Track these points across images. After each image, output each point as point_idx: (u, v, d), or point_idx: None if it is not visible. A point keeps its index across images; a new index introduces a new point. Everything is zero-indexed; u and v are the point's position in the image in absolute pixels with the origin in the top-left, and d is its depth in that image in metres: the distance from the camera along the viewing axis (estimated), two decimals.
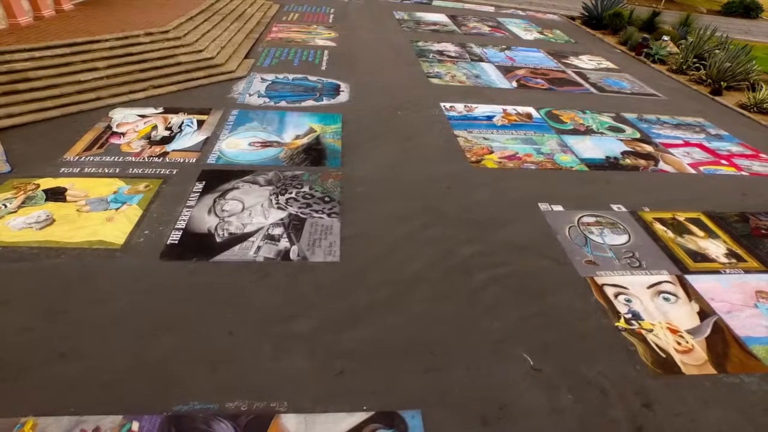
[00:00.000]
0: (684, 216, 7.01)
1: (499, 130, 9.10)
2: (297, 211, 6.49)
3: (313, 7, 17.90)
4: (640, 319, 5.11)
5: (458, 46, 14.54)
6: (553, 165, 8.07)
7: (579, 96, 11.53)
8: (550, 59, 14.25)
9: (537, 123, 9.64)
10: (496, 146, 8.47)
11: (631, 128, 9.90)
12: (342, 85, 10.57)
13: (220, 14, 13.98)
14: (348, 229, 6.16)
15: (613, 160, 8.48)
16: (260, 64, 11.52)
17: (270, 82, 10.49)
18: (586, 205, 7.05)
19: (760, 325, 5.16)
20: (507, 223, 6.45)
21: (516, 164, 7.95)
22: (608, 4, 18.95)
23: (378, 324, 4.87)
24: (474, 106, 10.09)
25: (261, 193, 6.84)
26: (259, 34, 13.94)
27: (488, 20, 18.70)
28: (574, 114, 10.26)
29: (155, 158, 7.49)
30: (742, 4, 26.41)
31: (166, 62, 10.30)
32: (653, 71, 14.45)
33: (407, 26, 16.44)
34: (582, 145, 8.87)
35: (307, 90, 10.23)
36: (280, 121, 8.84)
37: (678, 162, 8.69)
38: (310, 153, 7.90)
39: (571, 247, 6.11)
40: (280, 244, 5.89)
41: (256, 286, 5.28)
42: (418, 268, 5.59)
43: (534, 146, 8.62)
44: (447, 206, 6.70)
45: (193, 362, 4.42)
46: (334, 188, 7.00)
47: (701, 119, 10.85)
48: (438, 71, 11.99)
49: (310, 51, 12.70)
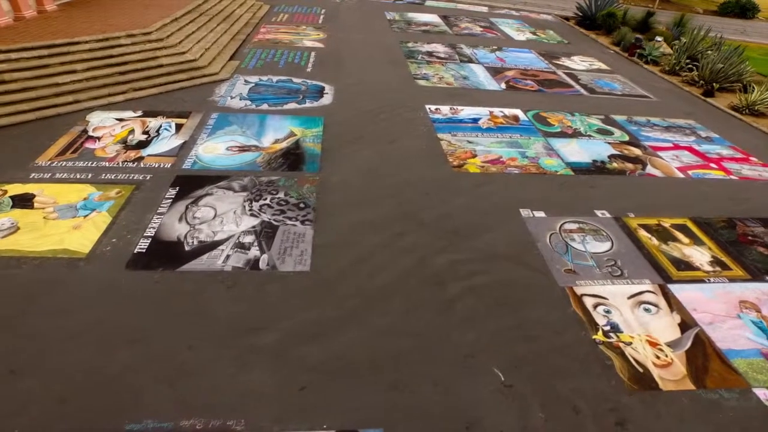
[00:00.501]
0: (670, 222, 6.84)
1: (484, 133, 8.93)
2: (270, 219, 6.32)
3: (304, 8, 17.73)
4: (619, 331, 4.93)
5: (448, 47, 14.36)
6: (538, 169, 7.89)
7: (568, 98, 11.36)
8: (541, 60, 14.07)
9: (524, 126, 9.46)
10: (479, 150, 8.30)
11: (619, 131, 9.72)
12: (326, 88, 10.40)
13: (207, 15, 13.82)
14: (321, 237, 5.99)
15: (600, 163, 8.31)
16: (245, 66, 11.35)
17: (253, 85, 10.32)
18: (569, 211, 6.88)
19: (742, 337, 4.98)
20: (486, 230, 6.28)
21: (499, 168, 7.77)
22: (602, 5, 18.78)
23: (345, 337, 4.69)
24: (460, 108, 9.91)
25: (235, 199, 6.67)
26: (247, 35, 13.77)
27: (481, 21, 18.53)
28: (563, 116, 10.08)
29: (130, 163, 7.32)
30: (738, 4, 26.24)
31: (148, 64, 10.13)
32: (646, 72, 14.27)
33: (398, 27, 16.28)
34: (568, 149, 8.69)
35: (290, 92, 10.06)
36: (260, 125, 8.66)
37: (666, 166, 8.51)
38: (288, 157, 7.72)
39: (551, 256, 5.93)
40: (250, 253, 5.72)
41: (221, 297, 5.11)
42: (390, 278, 5.41)
43: (519, 150, 8.45)
44: (425, 213, 6.52)
45: (151, 377, 4.25)
46: (309, 194, 6.83)
47: (692, 121, 10.67)
48: (425, 73, 11.82)
49: (297, 52, 12.53)
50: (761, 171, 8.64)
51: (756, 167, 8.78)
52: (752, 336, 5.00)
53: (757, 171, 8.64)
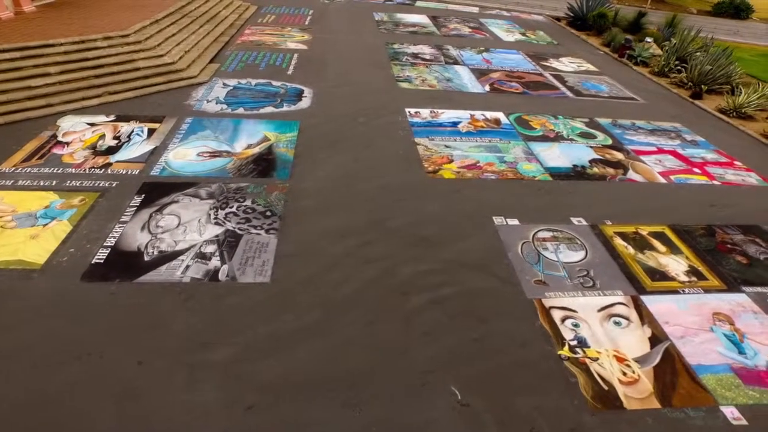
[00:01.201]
0: (647, 230, 6.67)
1: (462, 138, 8.76)
2: (234, 227, 6.15)
3: (292, 9, 17.56)
4: (586, 346, 4.77)
5: (435, 48, 14.19)
6: (515, 175, 7.72)
7: (553, 100, 11.19)
8: (528, 62, 13.90)
9: (505, 129, 9.29)
10: (456, 155, 8.13)
11: (603, 134, 9.55)
12: (306, 91, 10.23)
13: (190, 17, 13.64)
14: (285, 246, 5.82)
15: (580, 168, 8.14)
16: (225, 68, 11.18)
17: (231, 88, 10.15)
18: (545, 218, 6.71)
19: (713, 352, 4.81)
20: (456, 239, 6.11)
21: (475, 174, 7.60)
22: (593, 5, 18.61)
23: (300, 352, 4.53)
24: (440, 111, 9.74)
25: (200, 207, 6.50)
26: (230, 37, 13.60)
27: (470, 21, 18.36)
28: (545, 119, 9.91)
29: (97, 170, 7.16)
30: (732, 5, 26.06)
31: (124, 68, 9.96)
32: (634, 74, 14.10)
33: (385, 28, 16.11)
34: (548, 153, 8.53)
35: (268, 96, 9.89)
36: (234, 130, 8.50)
37: (648, 171, 8.34)
38: (260, 163, 7.55)
39: (522, 266, 5.76)
40: (211, 264, 5.55)
41: (177, 309, 4.95)
42: (352, 289, 5.24)
43: (497, 154, 8.28)
44: (394, 220, 6.35)
45: (95, 396, 4.09)
46: (278, 201, 6.66)
47: (678, 124, 10.51)
48: (408, 75, 11.65)
49: (280, 54, 12.36)
50: (744, 176, 8.47)
51: (739, 172, 8.62)
52: (723, 350, 4.83)
53: (740, 176, 8.48)
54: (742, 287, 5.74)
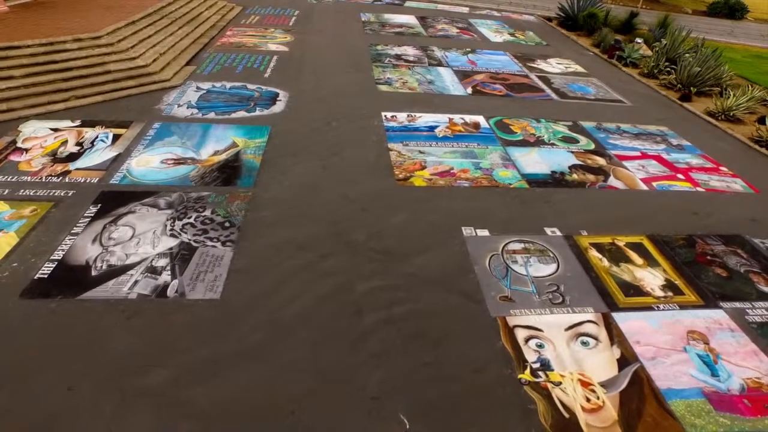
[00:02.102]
0: (624, 240, 6.38)
1: (438, 143, 8.47)
2: (190, 239, 5.87)
3: (278, 9, 17.29)
4: (549, 369, 4.48)
5: (419, 49, 13.91)
6: (490, 182, 7.43)
7: (537, 103, 10.90)
8: (514, 63, 13.62)
9: (483, 134, 9.00)
10: (430, 161, 7.84)
11: (586, 138, 9.26)
12: (281, 94, 9.95)
13: (170, 18, 13.37)
14: (240, 259, 5.54)
15: (559, 175, 7.85)
16: (200, 71, 10.90)
17: (204, 92, 9.87)
18: (517, 228, 6.42)
19: (685, 374, 4.52)
20: (421, 251, 5.82)
21: (448, 181, 7.31)
22: (583, 5, 18.32)
23: (240, 376, 4.24)
24: (418, 115, 9.46)
25: (157, 217, 6.22)
26: (210, 38, 13.32)
27: (459, 22, 18.08)
28: (527, 123, 9.62)
29: (54, 178, 6.88)
30: (726, 5, 25.77)
31: (94, 71, 9.68)
32: (623, 75, 13.81)
33: (371, 29, 15.82)
34: (527, 159, 8.24)
35: (241, 100, 9.61)
36: (203, 135, 8.21)
37: (630, 177, 8.05)
38: (224, 171, 7.27)
39: (488, 281, 5.47)
40: (161, 279, 5.27)
41: (119, 328, 4.66)
42: (303, 306, 4.95)
43: (473, 160, 7.99)
44: (357, 232, 6.07)
45: (17, 426, 3.81)
46: (238, 212, 6.38)
47: (664, 128, 10.22)
48: (389, 77, 11.36)
49: (259, 56, 12.08)
50: (729, 182, 8.18)
51: (725, 178, 8.32)
52: (695, 372, 4.54)
53: (725, 182, 8.19)
54: (720, 302, 5.45)
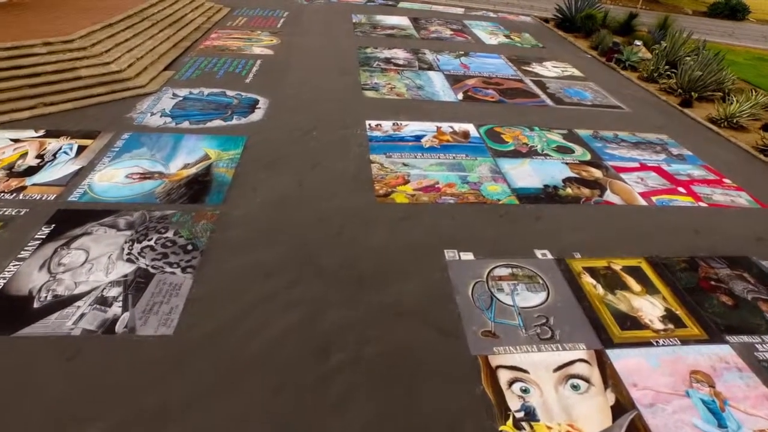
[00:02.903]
0: (621, 263, 5.90)
1: (424, 154, 7.97)
2: (148, 264, 5.38)
3: (266, 11, 16.79)
4: (534, 419, 4.00)
5: (410, 52, 13.41)
6: (477, 198, 6.94)
7: (531, 109, 10.41)
8: (509, 66, 13.12)
9: (473, 143, 8.51)
10: (414, 174, 7.34)
11: (581, 148, 8.77)
12: (261, 101, 9.46)
13: (151, 20, 12.87)
14: (199, 288, 5.05)
15: (552, 189, 7.36)
16: (179, 77, 10.40)
17: (180, 99, 9.37)
18: (505, 250, 5.94)
19: (688, 425, 4.04)
20: (397, 278, 5.33)
21: (432, 197, 6.82)
22: (581, 6, 17.82)
23: (187, 428, 3.76)
24: (404, 123, 8.96)
25: (115, 240, 5.73)
26: (193, 42, 12.82)
27: (453, 23, 17.57)
28: (519, 132, 9.13)
29: (7, 195, 6.38)
30: (728, 6, 25.26)
31: (64, 76, 9.19)
32: (622, 79, 13.32)
33: (361, 31, 15.32)
34: (518, 171, 7.74)
35: (218, 107, 9.12)
36: (174, 147, 7.72)
37: (628, 191, 7.56)
38: (193, 187, 6.78)
39: (470, 313, 4.99)
40: (110, 311, 4.78)
41: (55, 372, 4.18)
42: (264, 343, 4.47)
43: (460, 173, 7.49)
44: (330, 256, 5.58)
45: None
46: (203, 233, 5.90)
47: (664, 136, 9.73)
48: (376, 82, 10.87)
49: (242, 61, 11.58)
50: (734, 196, 7.70)
51: (728, 191, 7.84)
52: (700, 422, 4.06)
53: (729, 196, 7.70)
54: (726, 336, 4.97)
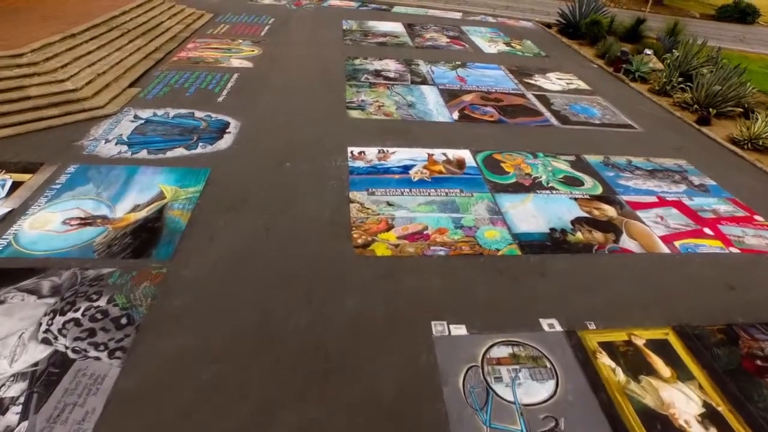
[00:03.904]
0: (645, 336, 4.91)
1: (412, 190, 6.98)
2: (69, 346, 4.39)
3: (251, 17, 15.79)
4: None
5: (402, 63, 12.40)
6: (472, 248, 5.93)
7: (534, 131, 9.41)
8: (509, 79, 12.12)
9: (468, 175, 7.51)
10: (399, 217, 6.34)
11: (591, 179, 7.77)
12: (231, 124, 8.46)
13: (121, 29, 11.87)
14: (127, 380, 4.07)
15: (559, 234, 6.36)
16: (144, 95, 9.40)
17: (142, 122, 8.37)
18: (504, 321, 4.94)
19: None
20: (372, 363, 4.33)
21: (419, 248, 5.82)
22: (586, 11, 16.81)
23: None
24: (392, 150, 7.96)
25: (33, 312, 4.73)
26: (166, 53, 11.80)
27: (450, 30, 16.57)
28: (521, 159, 8.13)
29: None
30: (737, 9, 24.23)
31: (8, 96, 8.17)
32: (632, 93, 12.32)
33: (351, 39, 14.32)
34: (520, 211, 6.75)
35: (183, 132, 8.12)
36: (125, 182, 6.73)
37: (646, 234, 6.57)
38: (140, 235, 5.79)
39: (461, 413, 4.00)
40: (4, 420, 3.80)
41: None
42: None
43: (453, 215, 6.50)
44: (293, 332, 4.57)
45: None
46: (143, 300, 4.90)
47: (683, 162, 8.73)
48: (363, 99, 9.86)
49: (217, 75, 10.58)
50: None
51: (762, 231, 6.84)
52: None
53: (763, 237, 6.70)
54: None
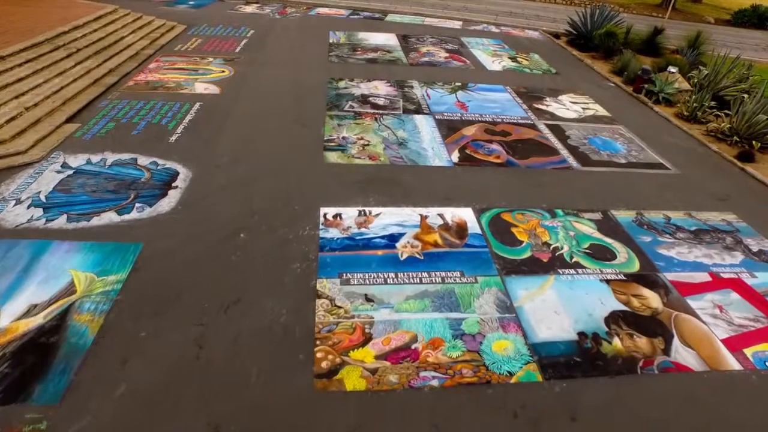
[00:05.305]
0: None
1: (399, 275, 5.42)
2: None
3: (228, 29, 14.24)
4: None
5: (393, 86, 10.84)
6: (476, 371, 4.37)
7: (550, 176, 7.86)
8: (517, 104, 10.57)
9: (471, 248, 5.96)
10: (381, 321, 4.79)
11: (624, 248, 6.23)
12: (181, 175, 6.91)
13: (69, 48, 10.33)
14: None
15: (591, 343, 4.81)
16: (83, 134, 7.83)
17: (70, 173, 6.81)
18: None
19: None
20: None
21: (404, 375, 4.27)
22: (598, 21, 15.25)
23: None
24: (376, 212, 6.41)
25: None
26: (122, 76, 10.23)
27: (449, 41, 15.01)
28: (537, 221, 6.59)
29: None
30: (755, 13, 22.65)
31: None
32: (657, 119, 10.77)
33: (337, 55, 12.75)
34: (539, 304, 5.19)
35: (119, 187, 6.56)
36: (27, 267, 5.17)
37: (705, 337, 5.02)
38: (25, 359, 4.21)
39: None
40: None
41: None
42: None
43: (452, 315, 4.95)
44: None
45: None
46: None
47: (732, 216, 7.19)
48: (345, 137, 8.30)
49: (175, 104, 9.03)
50: None
51: None
52: None
53: None
54: None
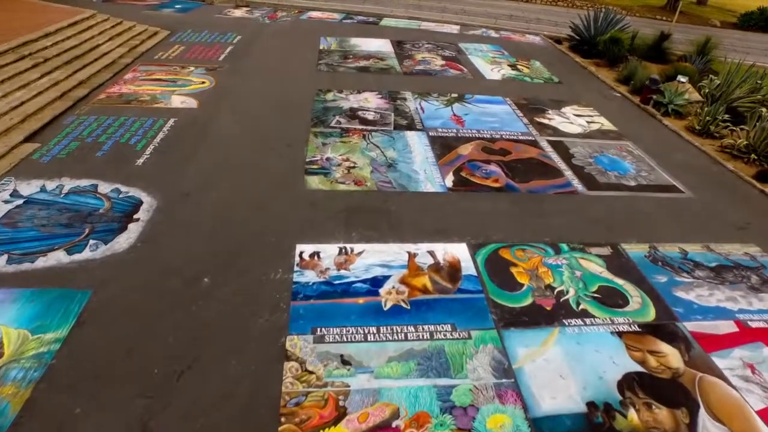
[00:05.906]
0: None
1: (382, 329, 4.73)
2: None
3: (214, 35, 13.56)
4: None
5: (385, 97, 10.16)
6: None
7: (554, 202, 7.17)
8: (517, 117, 9.89)
9: (465, 293, 5.26)
10: (357, 390, 4.09)
11: (636, 291, 5.54)
12: (144, 205, 6.22)
13: (35, 58, 9.64)
14: None
15: (603, 417, 4.12)
16: (41, 155, 7.13)
17: (21, 203, 6.12)
18: None
19: None
20: None
21: None
22: (602, 26, 14.57)
23: None
24: (357, 250, 5.72)
25: None
26: (93, 88, 9.53)
27: (446, 47, 14.32)
28: (538, 259, 5.90)
29: None
30: (762, 16, 21.96)
31: None
32: (667, 133, 10.09)
33: (327, 63, 12.07)
34: (541, 366, 4.50)
35: (73, 220, 5.87)
36: None
37: (735, 407, 4.32)
38: None
39: None
40: None
41: None
42: None
43: (441, 382, 4.25)
44: None
45: None
46: None
47: (755, 250, 6.50)
48: (329, 159, 7.61)
49: (147, 121, 8.33)
50: None
51: None
52: None
53: None
54: None
